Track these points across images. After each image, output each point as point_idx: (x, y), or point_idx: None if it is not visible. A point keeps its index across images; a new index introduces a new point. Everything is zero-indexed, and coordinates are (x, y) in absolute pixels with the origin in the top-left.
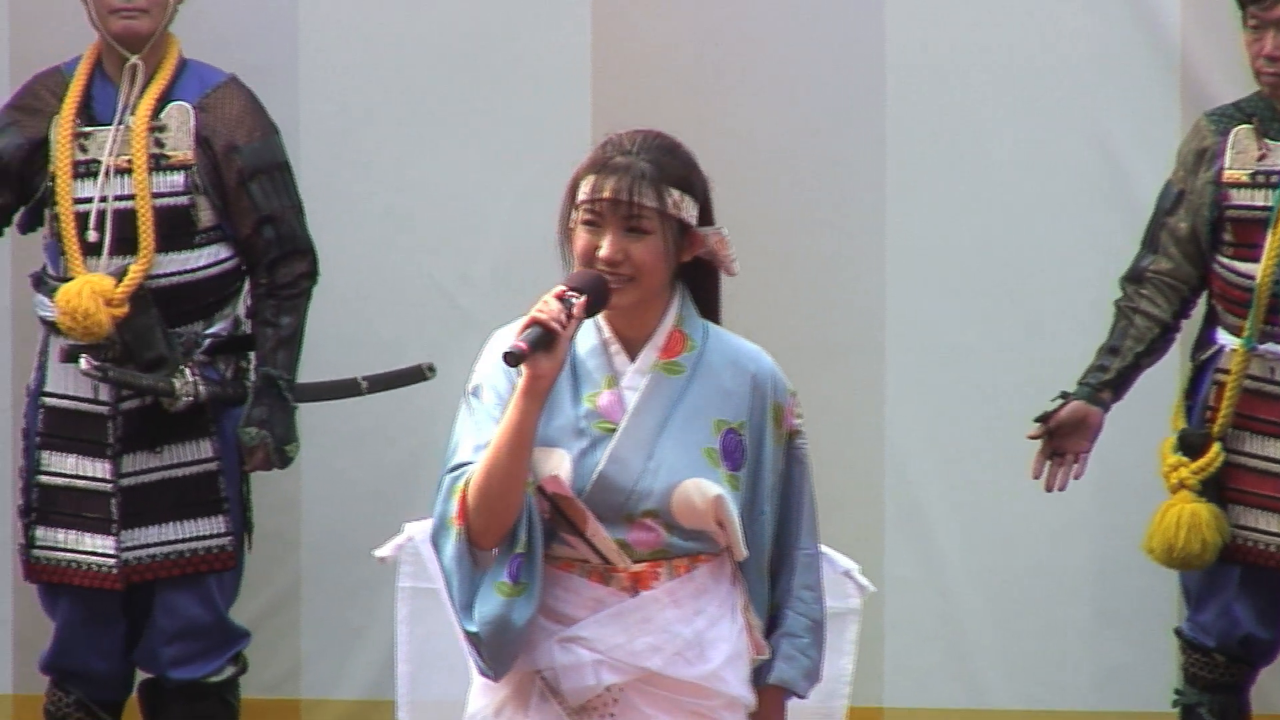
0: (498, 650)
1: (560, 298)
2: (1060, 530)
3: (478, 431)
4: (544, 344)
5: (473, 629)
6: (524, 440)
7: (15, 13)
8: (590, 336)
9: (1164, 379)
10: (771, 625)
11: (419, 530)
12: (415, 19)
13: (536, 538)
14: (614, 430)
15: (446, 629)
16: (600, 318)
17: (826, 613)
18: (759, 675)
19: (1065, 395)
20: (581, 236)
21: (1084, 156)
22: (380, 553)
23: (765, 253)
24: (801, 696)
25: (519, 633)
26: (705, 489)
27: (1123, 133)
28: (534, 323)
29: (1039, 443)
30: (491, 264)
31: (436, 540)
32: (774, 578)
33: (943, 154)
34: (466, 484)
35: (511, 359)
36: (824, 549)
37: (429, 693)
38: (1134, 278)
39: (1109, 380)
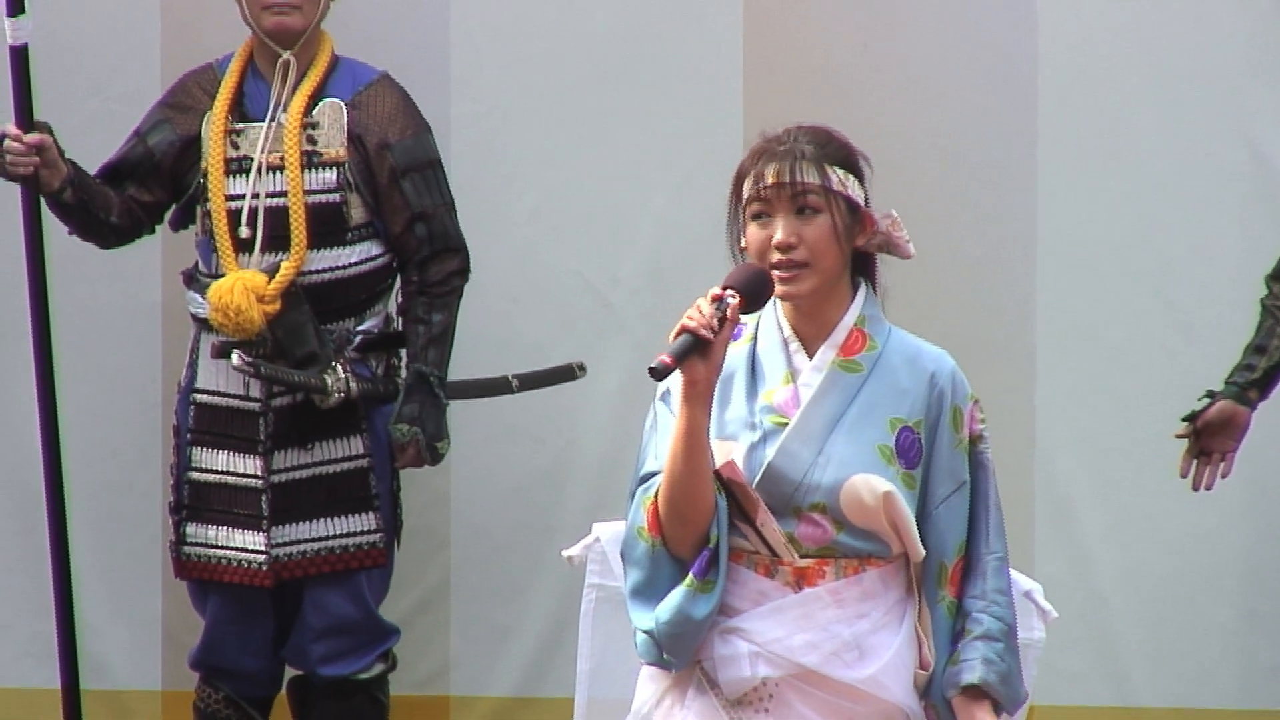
0: (674, 643)
1: (715, 299)
2: (1209, 530)
3: (664, 438)
4: (694, 351)
5: (648, 627)
6: (696, 445)
7: (167, 11)
8: (771, 334)
9: None
10: (960, 631)
11: (607, 531)
12: (567, 18)
13: (724, 536)
14: (786, 424)
15: (628, 631)
16: (781, 316)
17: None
18: (949, 683)
19: (1212, 394)
20: (754, 233)
21: (1234, 156)
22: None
23: (917, 253)
24: (999, 703)
25: (698, 626)
26: (875, 485)
27: (1273, 133)
28: (684, 331)
29: (1178, 435)
30: (641, 263)
31: (626, 551)
32: (965, 584)
33: (1094, 154)
34: (656, 495)
35: (657, 374)
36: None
37: (608, 691)
38: None
39: (1256, 379)
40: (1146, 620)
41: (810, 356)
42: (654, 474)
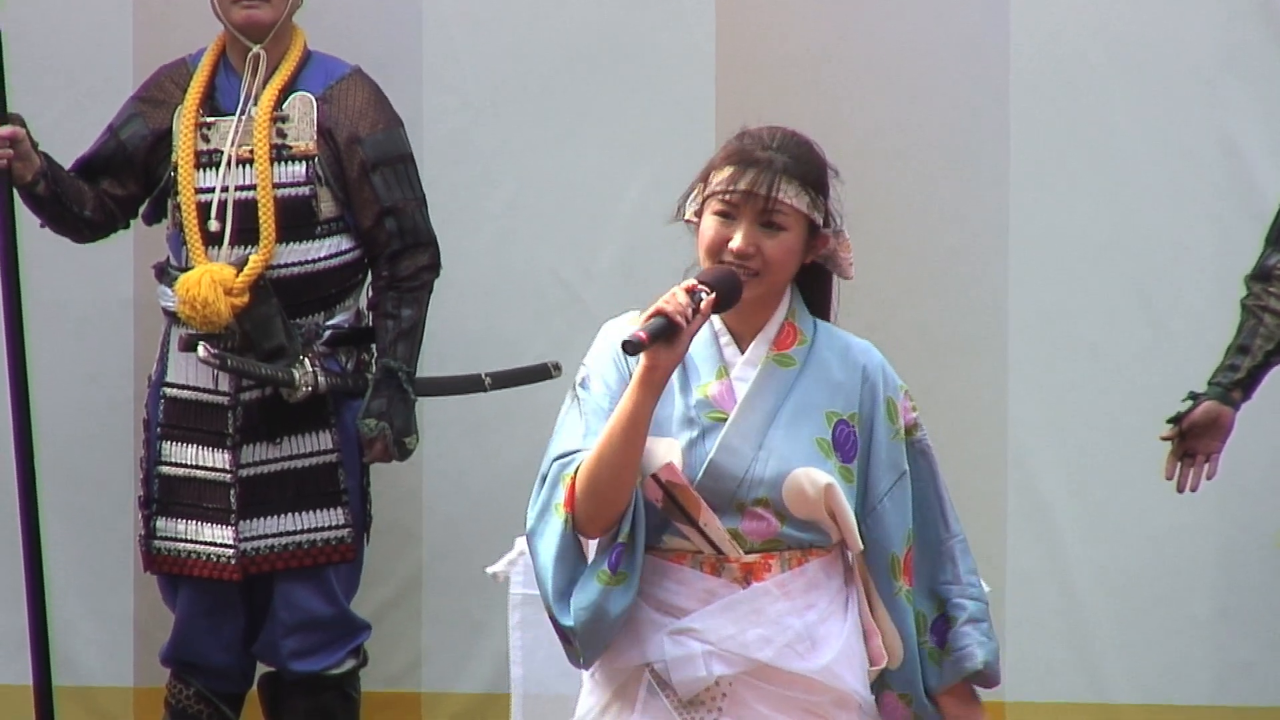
0: (590, 639)
1: (690, 291)
2: (1183, 525)
3: (584, 422)
4: (665, 335)
5: (568, 622)
6: (638, 429)
7: (140, 5)
8: (702, 329)
9: None
10: (942, 620)
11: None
12: (539, 12)
13: (639, 530)
14: (724, 419)
15: (554, 634)
16: None
17: None
18: (949, 673)
19: (1196, 396)
20: (712, 227)
21: (1208, 152)
22: (493, 569)
23: (889, 247)
24: (994, 680)
25: (614, 622)
26: (816, 477)
27: (1248, 128)
28: (659, 313)
29: (1163, 438)
30: (615, 258)
31: (535, 530)
32: (928, 571)
33: (1066, 149)
34: (576, 471)
35: (630, 347)
36: None
37: (543, 689)
38: (1261, 276)
39: (1240, 379)
40: (1121, 616)
41: (742, 351)
42: (573, 452)
